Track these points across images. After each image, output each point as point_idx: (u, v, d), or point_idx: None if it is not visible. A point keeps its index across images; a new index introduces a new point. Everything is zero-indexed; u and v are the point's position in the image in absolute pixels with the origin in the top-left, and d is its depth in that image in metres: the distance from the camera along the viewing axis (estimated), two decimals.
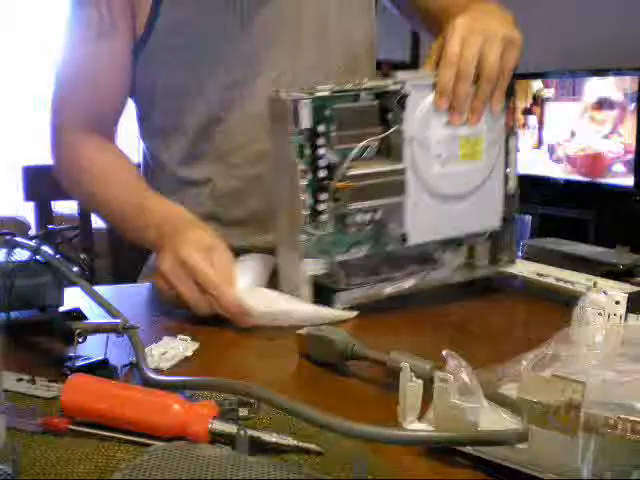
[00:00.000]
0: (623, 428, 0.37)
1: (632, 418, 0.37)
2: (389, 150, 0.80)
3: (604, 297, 0.61)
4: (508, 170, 0.86)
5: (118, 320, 0.60)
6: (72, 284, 0.73)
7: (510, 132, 0.85)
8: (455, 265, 0.85)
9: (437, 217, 0.82)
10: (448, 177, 0.81)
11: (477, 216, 0.85)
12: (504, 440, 0.44)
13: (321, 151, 0.76)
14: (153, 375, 0.55)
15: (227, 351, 0.70)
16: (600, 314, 0.61)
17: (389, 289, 0.77)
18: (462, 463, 0.45)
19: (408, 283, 0.79)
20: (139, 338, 0.60)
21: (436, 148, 0.79)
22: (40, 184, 1.31)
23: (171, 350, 0.62)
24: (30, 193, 1.30)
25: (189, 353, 0.63)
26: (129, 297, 0.91)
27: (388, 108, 0.79)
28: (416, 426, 0.49)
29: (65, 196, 1.34)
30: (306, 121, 0.74)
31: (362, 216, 0.79)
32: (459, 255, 0.86)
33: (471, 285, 0.87)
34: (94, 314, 0.69)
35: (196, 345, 0.65)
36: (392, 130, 0.78)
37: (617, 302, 0.61)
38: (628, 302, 0.61)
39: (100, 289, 0.98)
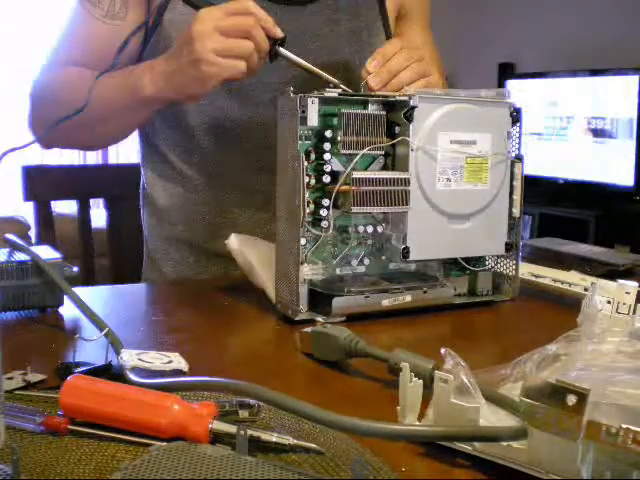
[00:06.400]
0: (624, 437, 0.37)
1: (634, 428, 0.37)
2: (394, 164, 0.80)
3: (615, 285, 0.60)
4: (514, 197, 0.86)
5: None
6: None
7: (516, 158, 0.85)
8: (457, 291, 0.85)
9: (440, 235, 0.82)
10: (452, 195, 0.81)
11: (480, 240, 0.84)
12: (501, 436, 0.43)
13: (326, 156, 0.76)
14: (134, 376, 0.54)
15: (228, 349, 0.70)
16: (609, 302, 0.60)
17: (387, 301, 0.77)
18: (462, 463, 0.45)
19: (407, 297, 0.78)
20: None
21: (441, 164, 0.80)
22: (40, 184, 1.30)
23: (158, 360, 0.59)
24: (29, 193, 1.29)
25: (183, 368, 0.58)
26: (129, 297, 0.91)
27: (395, 122, 0.79)
28: None
29: (65, 196, 1.35)
30: (313, 119, 0.74)
31: (364, 228, 0.79)
32: (461, 284, 0.86)
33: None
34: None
35: (186, 367, 0.58)
36: (398, 139, 0.78)
37: (627, 292, 0.60)
38: None
39: (100, 289, 0.99)
